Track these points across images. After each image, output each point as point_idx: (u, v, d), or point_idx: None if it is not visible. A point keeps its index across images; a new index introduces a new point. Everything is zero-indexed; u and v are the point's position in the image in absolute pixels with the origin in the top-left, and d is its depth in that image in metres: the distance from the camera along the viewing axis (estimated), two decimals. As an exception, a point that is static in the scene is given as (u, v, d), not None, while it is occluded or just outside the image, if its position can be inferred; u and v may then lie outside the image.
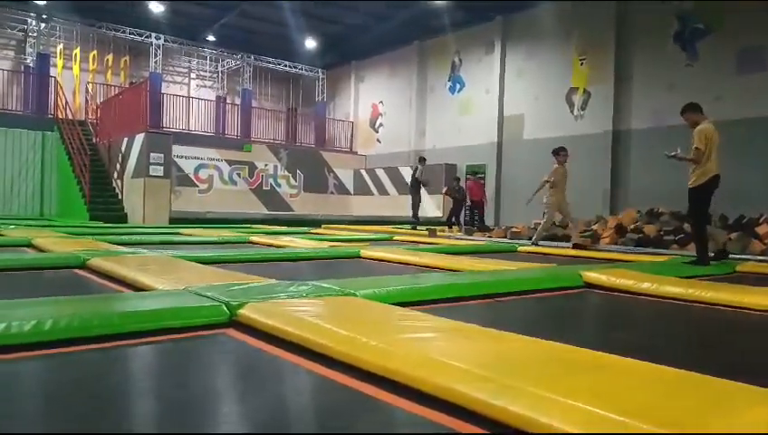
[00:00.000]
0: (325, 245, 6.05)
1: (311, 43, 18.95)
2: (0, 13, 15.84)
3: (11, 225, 8.05)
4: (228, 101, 20.26)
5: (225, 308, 2.10)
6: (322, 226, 12.15)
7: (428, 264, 4.43)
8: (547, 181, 7.26)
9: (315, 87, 21.25)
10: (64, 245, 4.64)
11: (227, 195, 16.44)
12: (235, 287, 2.48)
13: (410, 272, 4.05)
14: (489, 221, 13.95)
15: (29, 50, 16.48)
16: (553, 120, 13.52)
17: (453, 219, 12.80)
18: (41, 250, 4.64)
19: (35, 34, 16.36)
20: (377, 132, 19.65)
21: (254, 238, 6.74)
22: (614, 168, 12.24)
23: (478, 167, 15.40)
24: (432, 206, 15.21)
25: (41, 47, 16.23)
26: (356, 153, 20.16)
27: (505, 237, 9.34)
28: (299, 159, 18.30)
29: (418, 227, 11.63)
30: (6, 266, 3.54)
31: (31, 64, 16.33)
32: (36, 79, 15.99)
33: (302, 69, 20.71)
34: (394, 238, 8.30)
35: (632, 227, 8.11)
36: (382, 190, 18.14)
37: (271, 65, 20.24)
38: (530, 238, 7.83)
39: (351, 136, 20.58)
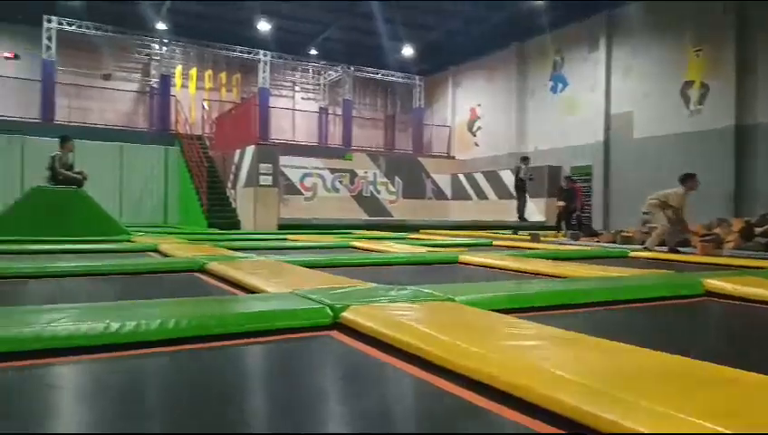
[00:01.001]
0: (423, 250, 6.06)
1: (408, 51, 19.16)
2: (129, 40, 17.56)
3: (139, 232, 8.86)
4: (330, 111, 20.97)
5: (329, 311, 2.17)
6: (420, 231, 12.20)
7: (531, 270, 4.29)
8: (677, 209, 6.69)
9: (413, 94, 21.43)
10: (185, 250, 5.03)
11: (330, 202, 17.00)
12: (339, 291, 2.55)
13: (511, 278, 3.96)
14: (597, 225, 13.28)
15: (152, 72, 18.13)
16: (666, 117, 12.62)
17: (564, 223, 11.96)
18: (165, 255, 5.06)
19: (158, 58, 17.96)
20: (475, 136, 19.43)
21: (356, 243, 6.90)
22: (738, 166, 11.18)
23: (583, 168, 14.72)
24: (534, 210, 14.74)
25: (163, 69, 17.78)
26: (453, 158, 20.06)
27: (615, 242, 8.84)
28: (397, 165, 18.54)
29: (520, 232, 11.29)
30: (136, 270, 3.90)
31: (154, 85, 17.96)
32: (159, 98, 17.54)
33: (399, 77, 20.98)
34: (494, 244, 8.14)
35: (760, 230, 7.36)
36: (481, 195, 17.88)
37: (369, 75, 20.69)
38: (642, 243, 7.35)
39: (449, 141, 20.50)
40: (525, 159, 12.63)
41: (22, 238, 6.21)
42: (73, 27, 16.27)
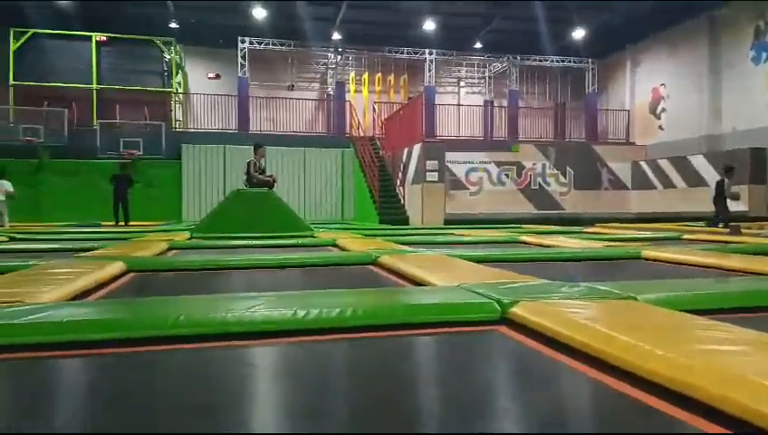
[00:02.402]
0: (599, 244, 5.68)
1: (578, 34, 18.07)
2: (309, 52, 19.12)
3: (320, 228, 9.62)
4: (495, 104, 20.64)
5: (496, 305, 2.14)
6: (596, 224, 11.43)
7: (729, 266, 3.78)
8: None
9: (585, 79, 20.16)
10: (360, 244, 5.35)
11: (497, 196, 16.75)
12: (506, 286, 2.51)
13: (705, 275, 3.53)
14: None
15: (329, 80, 19.52)
16: None
17: None
18: (342, 249, 5.43)
19: (333, 66, 19.29)
20: (658, 119, 17.66)
21: (524, 238, 6.71)
22: None
23: (798, 149, 12.56)
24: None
25: (338, 77, 19.06)
26: (633, 144, 18.46)
27: (843, 235, 7.40)
28: (568, 155, 17.59)
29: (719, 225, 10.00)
30: (318, 263, 4.25)
31: (331, 92, 19.32)
32: (335, 104, 18.84)
33: (569, 62, 19.89)
34: (683, 238, 7.32)
35: None
36: (667, 183, 16.20)
37: (536, 63, 19.94)
38: None
39: (627, 126, 18.90)
40: (730, 170, 9.95)
41: (225, 235, 7.14)
42: (262, 46, 18.19)
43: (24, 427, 1.17)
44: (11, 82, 16.58)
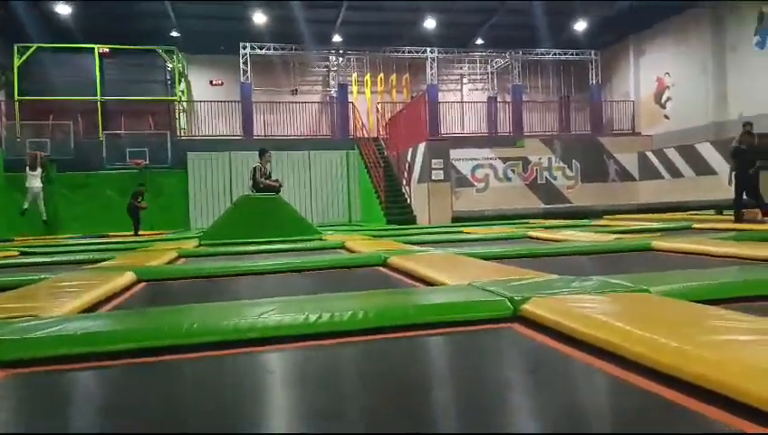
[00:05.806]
0: (609, 237, 5.65)
1: (580, 26, 17.99)
2: (310, 55, 19.16)
3: (329, 231, 9.63)
4: (499, 99, 20.59)
5: (508, 303, 2.14)
6: (604, 217, 11.38)
7: (742, 254, 3.75)
8: None
9: (588, 71, 20.07)
10: (368, 245, 5.35)
11: (503, 192, 16.69)
12: (517, 283, 2.50)
13: (717, 265, 3.50)
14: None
15: (332, 82, 19.54)
16: None
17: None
18: (351, 251, 5.43)
19: (335, 69, 19.30)
20: (664, 108, 17.57)
21: (533, 233, 6.69)
22: None
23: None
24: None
25: (340, 79, 19.07)
26: (639, 134, 18.37)
27: None
28: (574, 148, 17.52)
29: (726, 212, 9.91)
30: (327, 265, 4.25)
31: (334, 95, 19.33)
32: (338, 107, 18.85)
33: (572, 54, 19.81)
34: (693, 227, 7.28)
35: None
36: (675, 173, 16.10)
37: (539, 57, 19.88)
38: None
39: (633, 117, 18.81)
40: (748, 125, 9.28)
41: (234, 241, 7.16)
42: (263, 51, 18.23)
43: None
44: (16, 97, 16.71)
